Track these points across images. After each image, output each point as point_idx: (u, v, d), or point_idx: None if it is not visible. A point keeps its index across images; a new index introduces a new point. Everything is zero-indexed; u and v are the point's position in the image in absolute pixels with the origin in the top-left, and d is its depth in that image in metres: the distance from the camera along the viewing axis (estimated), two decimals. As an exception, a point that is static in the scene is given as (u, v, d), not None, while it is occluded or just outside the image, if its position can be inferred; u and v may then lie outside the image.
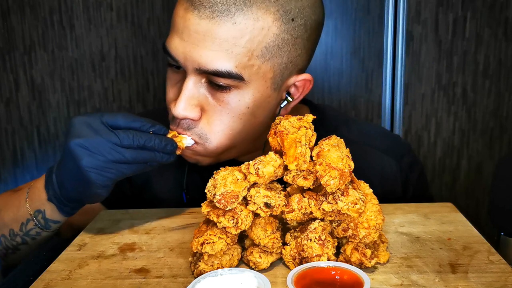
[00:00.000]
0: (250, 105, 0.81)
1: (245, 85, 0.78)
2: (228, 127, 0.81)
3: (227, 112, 0.80)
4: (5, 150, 1.69)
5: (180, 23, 0.77)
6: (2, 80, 1.63)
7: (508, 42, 1.56)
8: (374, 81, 1.60)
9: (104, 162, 0.72)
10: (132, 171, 0.75)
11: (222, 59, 0.75)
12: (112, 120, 0.73)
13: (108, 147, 0.71)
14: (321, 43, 1.58)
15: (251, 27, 0.75)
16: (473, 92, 1.60)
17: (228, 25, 0.74)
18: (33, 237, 0.85)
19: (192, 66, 0.77)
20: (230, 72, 0.76)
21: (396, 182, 0.97)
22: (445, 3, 1.54)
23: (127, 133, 0.72)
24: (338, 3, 1.56)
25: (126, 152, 0.72)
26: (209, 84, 0.79)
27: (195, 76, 0.78)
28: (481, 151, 1.64)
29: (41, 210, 0.81)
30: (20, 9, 1.58)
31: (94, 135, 0.71)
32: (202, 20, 0.75)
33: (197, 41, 0.75)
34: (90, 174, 0.72)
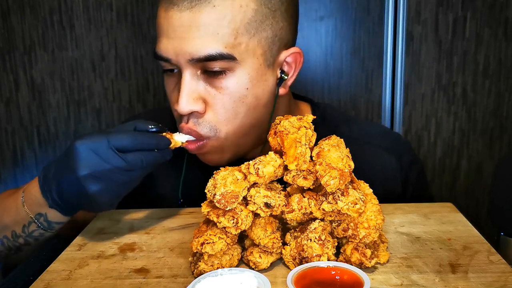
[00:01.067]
0: (249, 85, 0.82)
1: (238, 66, 0.81)
2: (233, 113, 0.83)
3: (228, 98, 0.82)
4: (5, 150, 1.69)
5: (164, 23, 0.80)
6: (2, 80, 1.63)
7: (508, 42, 1.56)
8: (374, 81, 1.60)
9: (114, 186, 0.73)
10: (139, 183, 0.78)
11: (211, 43, 0.78)
12: (119, 143, 0.72)
13: (118, 174, 0.72)
14: (321, 43, 1.59)
15: (230, 7, 0.78)
16: (473, 92, 1.60)
17: (208, 9, 0.77)
18: (36, 238, 0.85)
19: (184, 59, 0.79)
20: (221, 53, 0.78)
21: (396, 180, 0.97)
22: (445, 3, 1.54)
23: (136, 157, 0.73)
24: (338, 3, 1.56)
25: (135, 173, 0.74)
26: (204, 74, 0.81)
27: (190, 69, 0.80)
28: (481, 151, 1.64)
29: (42, 213, 0.82)
30: (20, 9, 1.58)
31: (103, 164, 0.71)
32: (183, 12, 0.78)
33: (183, 34, 0.78)
34: (99, 199, 0.74)
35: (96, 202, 0.74)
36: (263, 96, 0.85)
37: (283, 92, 0.89)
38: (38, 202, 0.80)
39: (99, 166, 0.71)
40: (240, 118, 0.84)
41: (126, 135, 0.74)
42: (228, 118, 0.83)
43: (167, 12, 0.79)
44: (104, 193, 0.73)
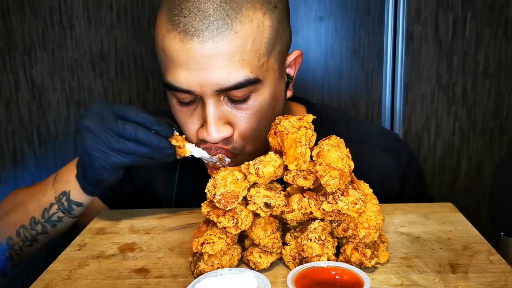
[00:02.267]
0: (270, 101, 0.83)
1: (261, 86, 0.80)
2: (257, 129, 0.83)
3: (253, 118, 0.82)
4: (5, 150, 1.69)
5: (182, 55, 0.76)
6: (2, 80, 1.63)
7: (508, 42, 1.56)
8: (374, 81, 1.60)
9: (105, 147, 0.77)
10: (132, 161, 0.79)
11: (237, 70, 0.76)
12: (122, 111, 0.77)
13: (109, 135, 0.76)
14: (321, 43, 1.59)
15: (250, 30, 0.76)
16: (473, 92, 1.60)
17: (231, 37, 0.75)
18: (54, 223, 0.88)
19: (211, 90, 0.77)
20: (249, 79, 0.77)
21: (395, 180, 0.97)
22: (445, 3, 1.54)
23: (131, 126, 0.76)
24: (338, 3, 1.56)
25: (127, 143, 0.76)
26: (228, 100, 0.80)
27: (214, 97, 0.78)
28: (481, 151, 1.64)
29: (66, 191, 0.86)
30: (20, 9, 1.58)
31: (100, 121, 0.76)
32: (205, 44, 0.74)
33: (207, 65, 0.75)
34: (91, 156, 0.78)
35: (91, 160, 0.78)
36: (279, 104, 0.87)
37: (290, 94, 0.91)
38: (68, 177, 0.87)
39: (97, 122, 0.76)
40: (262, 131, 0.83)
41: (131, 108, 0.77)
42: (254, 135, 0.83)
43: (184, 44, 0.75)
44: (96, 150, 0.77)
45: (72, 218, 0.89)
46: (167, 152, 0.78)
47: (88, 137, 0.77)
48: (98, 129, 0.76)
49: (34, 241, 0.90)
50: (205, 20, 0.74)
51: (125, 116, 0.77)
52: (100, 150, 0.77)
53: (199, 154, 0.81)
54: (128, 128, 0.76)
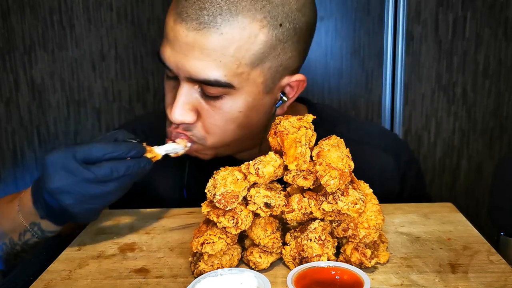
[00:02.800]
0: (243, 109, 0.82)
1: (236, 92, 0.80)
2: (222, 130, 0.84)
3: (220, 117, 0.82)
4: (5, 150, 1.69)
5: (171, 33, 0.79)
6: (2, 80, 1.63)
7: (508, 42, 1.56)
8: (374, 81, 1.60)
9: (86, 197, 0.72)
10: (116, 197, 0.75)
11: (211, 68, 0.77)
12: (86, 155, 0.71)
13: (88, 186, 0.70)
14: (321, 43, 1.59)
15: (238, 36, 0.76)
16: (473, 92, 1.60)
17: (215, 36, 0.76)
18: (32, 246, 0.84)
19: (183, 75, 0.79)
20: (218, 81, 0.77)
21: (394, 180, 0.97)
22: (445, 3, 1.54)
23: (104, 167, 0.71)
24: (338, 3, 1.56)
25: (108, 185, 0.72)
26: (202, 91, 0.81)
27: (188, 83, 0.80)
28: (481, 151, 1.64)
29: (36, 223, 0.81)
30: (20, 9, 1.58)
31: (69, 177, 0.70)
32: (190, 32, 0.76)
33: (186, 52, 0.77)
34: (75, 211, 0.73)
35: (72, 214, 0.74)
36: (256, 116, 0.85)
37: (281, 112, 0.88)
38: (31, 212, 0.80)
39: (67, 179, 0.70)
40: (228, 134, 0.85)
41: (93, 146, 0.72)
42: (216, 133, 0.84)
43: (175, 25, 0.78)
44: (77, 206, 0.72)
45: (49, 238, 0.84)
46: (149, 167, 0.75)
47: (65, 197, 0.71)
48: (71, 186, 0.70)
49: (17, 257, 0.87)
50: (198, 11, 0.76)
51: (91, 158, 0.71)
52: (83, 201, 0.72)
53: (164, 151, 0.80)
54: (104, 171, 0.71)
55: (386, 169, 0.97)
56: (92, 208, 0.75)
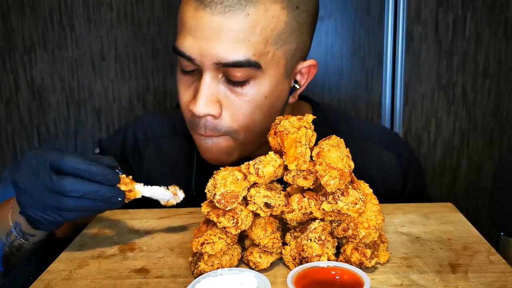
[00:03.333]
0: (268, 94, 0.82)
1: (261, 74, 0.81)
2: (250, 119, 0.83)
3: (247, 104, 0.82)
4: (5, 150, 1.69)
5: (192, 22, 0.78)
6: (2, 80, 1.63)
7: (508, 42, 1.56)
8: (374, 81, 1.60)
9: (42, 206, 0.70)
10: (74, 217, 0.72)
11: (240, 49, 0.77)
12: (58, 163, 0.68)
13: (45, 193, 0.68)
14: (321, 43, 1.59)
15: (263, 17, 0.78)
16: (473, 92, 1.60)
17: (241, 17, 0.77)
18: (17, 248, 0.83)
19: (210, 62, 0.78)
20: (249, 60, 0.78)
21: (396, 178, 0.98)
22: (445, 3, 1.54)
23: (69, 181, 0.68)
24: (338, 3, 1.56)
25: (66, 200, 0.68)
26: (226, 80, 0.81)
27: (212, 72, 0.80)
28: (481, 151, 1.64)
29: (18, 222, 0.79)
30: (20, 9, 1.58)
31: (34, 177, 0.68)
32: (215, 16, 0.76)
33: (212, 37, 0.77)
34: (29, 213, 0.71)
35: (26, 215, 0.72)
36: (277, 104, 0.86)
37: (293, 100, 0.91)
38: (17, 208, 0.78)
39: (29, 178, 0.69)
40: (256, 124, 0.84)
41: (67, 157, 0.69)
42: (245, 123, 0.83)
43: (197, 12, 0.77)
44: (30, 209, 0.70)
45: (32, 245, 0.82)
46: (116, 201, 0.71)
47: (22, 195, 0.70)
48: (31, 186, 0.68)
49: (7, 260, 0.86)
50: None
51: (61, 167, 0.68)
52: (36, 210, 0.70)
53: (150, 192, 0.76)
54: (64, 184, 0.67)
55: (388, 166, 0.97)
56: (46, 218, 0.71)
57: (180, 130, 1.02)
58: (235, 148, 0.86)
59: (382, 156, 0.98)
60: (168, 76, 1.62)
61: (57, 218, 0.71)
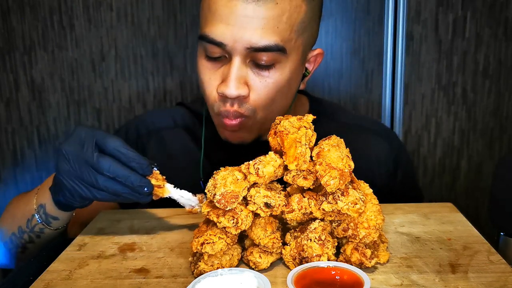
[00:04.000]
0: (289, 77, 0.90)
1: (285, 59, 0.88)
2: (272, 100, 0.90)
3: (272, 86, 0.89)
4: (5, 150, 1.69)
5: (225, 10, 0.84)
6: (2, 80, 1.63)
7: (508, 42, 1.56)
8: (374, 81, 1.60)
9: (76, 177, 0.74)
10: (102, 197, 0.76)
11: (270, 35, 0.84)
12: (102, 141, 0.74)
13: (84, 166, 0.73)
14: (321, 43, 1.58)
15: (289, 6, 0.85)
16: (473, 92, 1.60)
17: (272, 5, 0.84)
18: (38, 234, 0.87)
19: (242, 47, 0.84)
20: (277, 45, 0.85)
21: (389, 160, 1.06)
22: (445, 3, 1.54)
23: (106, 160, 0.73)
24: (338, 3, 1.56)
25: (99, 178, 0.73)
26: (253, 64, 0.87)
27: (242, 57, 0.86)
28: (481, 151, 1.64)
29: (42, 204, 0.85)
30: (20, 9, 1.58)
31: (79, 149, 0.74)
32: (248, 4, 0.83)
33: (245, 24, 0.83)
34: (62, 182, 0.76)
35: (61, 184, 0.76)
36: (294, 88, 0.95)
37: (303, 87, 0.99)
38: (45, 190, 0.84)
39: (74, 149, 0.74)
40: (275, 105, 0.92)
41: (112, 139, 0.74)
42: (267, 104, 0.90)
43: (230, 1, 0.84)
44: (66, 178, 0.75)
45: (54, 230, 0.87)
46: (143, 191, 0.74)
47: (63, 162, 0.75)
48: (74, 156, 0.74)
49: (24, 249, 0.89)
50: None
51: (104, 147, 0.74)
52: (71, 179, 0.75)
53: (178, 195, 0.78)
54: (102, 162, 0.72)
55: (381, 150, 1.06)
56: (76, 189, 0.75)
57: (181, 122, 1.09)
58: (256, 126, 0.93)
59: (376, 141, 1.07)
60: (168, 76, 1.62)
61: (86, 192, 0.75)
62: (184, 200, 0.79)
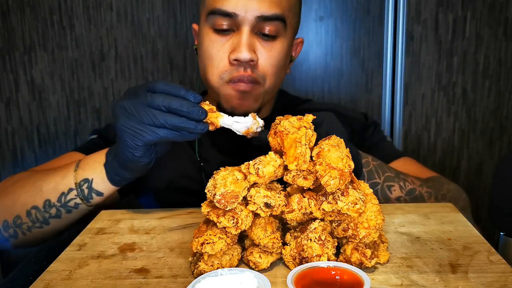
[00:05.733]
0: (286, 53, 1.02)
1: (284, 33, 0.99)
2: (275, 70, 1.00)
3: (276, 56, 0.99)
4: (5, 150, 1.69)
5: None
6: (2, 80, 1.63)
7: (508, 42, 1.56)
8: (374, 81, 1.60)
9: (136, 123, 0.78)
10: (164, 134, 0.78)
11: (277, 6, 0.96)
12: (152, 86, 0.80)
13: (140, 109, 0.78)
14: (321, 43, 1.58)
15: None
16: (473, 92, 1.60)
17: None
18: (70, 209, 0.90)
19: (252, 16, 0.95)
20: (283, 16, 0.97)
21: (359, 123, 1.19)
22: (445, 3, 1.54)
23: (159, 96, 0.78)
24: (338, 3, 1.56)
25: (157, 114, 0.77)
26: (259, 35, 0.97)
27: (251, 27, 0.95)
28: (481, 151, 1.64)
29: (88, 179, 0.88)
30: (20, 9, 1.58)
31: (132, 98, 0.80)
32: None
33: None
34: (124, 134, 0.79)
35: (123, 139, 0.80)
36: (285, 67, 1.05)
37: (288, 72, 1.09)
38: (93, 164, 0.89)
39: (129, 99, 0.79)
40: (276, 76, 1.01)
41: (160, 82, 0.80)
42: (274, 72, 1.00)
43: None
44: (128, 127, 0.79)
45: (88, 206, 0.90)
46: (199, 115, 0.77)
47: (121, 114, 0.80)
48: (130, 104, 0.79)
49: (45, 224, 0.91)
50: None
51: (155, 89, 0.79)
52: (132, 125, 0.79)
53: (231, 120, 0.79)
54: (156, 97, 0.77)
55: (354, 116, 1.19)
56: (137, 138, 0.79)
57: None
58: (260, 95, 1.01)
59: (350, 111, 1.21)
60: (168, 76, 1.62)
61: (148, 135, 0.78)
62: (239, 125, 0.79)
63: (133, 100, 0.79)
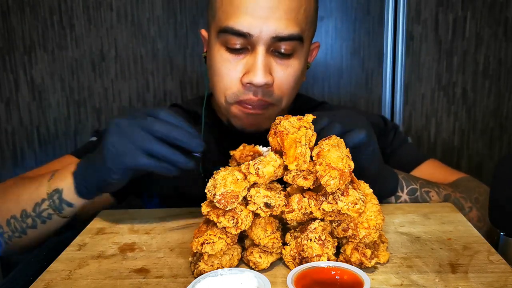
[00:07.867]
0: (303, 66, 0.97)
1: (301, 48, 0.94)
2: (292, 88, 0.96)
3: (292, 74, 0.94)
4: (5, 150, 1.69)
5: (250, 3, 0.88)
6: (2, 80, 1.63)
7: (508, 42, 1.56)
8: (374, 81, 1.60)
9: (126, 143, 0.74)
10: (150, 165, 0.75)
11: (292, 25, 0.90)
12: (154, 112, 0.77)
13: (136, 130, 0.74)
14: (321, 43, 1.58)
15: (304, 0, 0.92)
16: (473, 92, 1.60)
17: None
18: (44, 220, 0.86)
19: (267, 37, 0.89)
20: (299, 34, 0.91)
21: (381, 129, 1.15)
22: (445, 3, 1.54)
23: (160, 122, 0.75)
24: (338, 3, 1.56)
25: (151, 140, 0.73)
26: (274, 54, 0.92)
27: (266, 46, 0.90)
28: (481, 151, 1.64)
29: (59, 189, 0.84)
30: (20, 9, 1.58)
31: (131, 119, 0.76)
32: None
33: (270, 14, 0.88)
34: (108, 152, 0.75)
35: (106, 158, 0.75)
36: (302, 78, 1.00)
37: (304, 79, 1.04)
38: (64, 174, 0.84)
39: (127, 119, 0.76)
40: (292, 93, 0.98)
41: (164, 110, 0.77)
42: (288, 93, 0.96)
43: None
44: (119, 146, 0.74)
45: (62, 217, 0.86)
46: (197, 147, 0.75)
47: (113, 131, 0.75)
48: (126, 123, 0.75)
49: (23, 234, 0.88)
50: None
51: (156, 116, 0.76)
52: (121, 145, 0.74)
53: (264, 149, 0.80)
54: (156, 124, 0.74)
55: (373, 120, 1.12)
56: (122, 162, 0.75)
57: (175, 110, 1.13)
58: (275, 114, 0.95)
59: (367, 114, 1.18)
60: (168, 76, 1.62)
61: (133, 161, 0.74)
62: None
63: (131, 121, 0.75)
